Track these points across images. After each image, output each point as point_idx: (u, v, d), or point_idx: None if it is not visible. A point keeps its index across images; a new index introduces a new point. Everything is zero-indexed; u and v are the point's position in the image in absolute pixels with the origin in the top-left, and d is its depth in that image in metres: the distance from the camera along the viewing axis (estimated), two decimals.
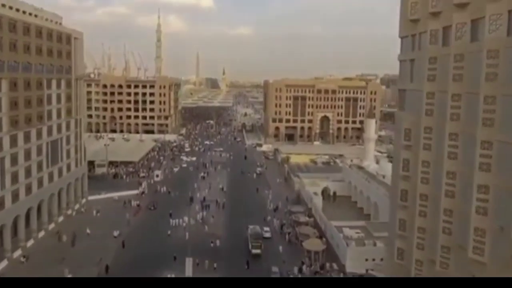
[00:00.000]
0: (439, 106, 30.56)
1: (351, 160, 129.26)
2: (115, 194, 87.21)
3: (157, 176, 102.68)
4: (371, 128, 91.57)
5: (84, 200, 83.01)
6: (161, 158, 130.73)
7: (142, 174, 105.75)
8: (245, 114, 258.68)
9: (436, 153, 30.94)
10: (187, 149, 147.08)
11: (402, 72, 37.25)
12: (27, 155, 60.62)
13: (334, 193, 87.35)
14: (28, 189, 61.38)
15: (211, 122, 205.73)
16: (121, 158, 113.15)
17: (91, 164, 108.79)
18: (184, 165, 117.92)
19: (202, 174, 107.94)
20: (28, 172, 60.98)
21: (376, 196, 70.33)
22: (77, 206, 79.43)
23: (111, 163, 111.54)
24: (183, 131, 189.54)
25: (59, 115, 70.59)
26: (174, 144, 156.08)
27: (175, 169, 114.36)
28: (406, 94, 36.10)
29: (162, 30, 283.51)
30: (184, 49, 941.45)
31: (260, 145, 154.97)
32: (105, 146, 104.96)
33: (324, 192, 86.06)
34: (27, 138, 60.29)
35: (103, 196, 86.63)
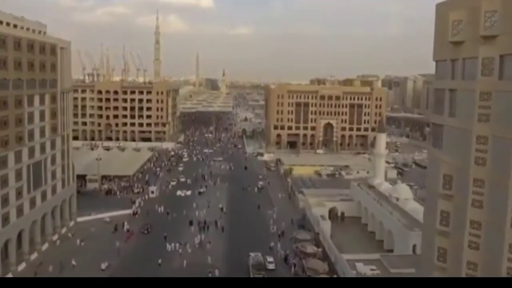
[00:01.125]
0: (496, 155, 24.20)
1: (357, 172, 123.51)
2: (106, 215, 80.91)
3: (152, 192, 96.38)
4: (382, 143, 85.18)
5: (72, 223, 76.76)
6: (158, 169, 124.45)
7: (136, 190, 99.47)
8: (246, 119, 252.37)
9: (490, 213, 24.60)
10: (185, 159, 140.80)
11: (437, 102, 30.93)
12: (4, 182, 54.30)
13: (342, 213, 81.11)
14: (6, 219, 55.09)
15: (211, 128, 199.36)
16: (115, 171, 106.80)
17: (82, 178, 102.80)
18: (182, 179, 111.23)
19: (200, 189, 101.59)
20: (5, 201, 54.69)
21: (391, 222, 64.02)
22: (64, 230, 73.19)
23: (104, 177, 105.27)
24: (182, 137, 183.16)
25: (42, 134, 64.29)
26: (172, 153, 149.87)
27: (172, 183, 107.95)
28: (444, 130, 29.76)
29: (160, 31, 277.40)
30: (184, 49, 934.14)
31: (262, 154, 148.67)
32: (97, 160, 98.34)
33: (332, 212, 79.90)
34: (3, 163, 53.96)
35: (93, 217, 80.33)
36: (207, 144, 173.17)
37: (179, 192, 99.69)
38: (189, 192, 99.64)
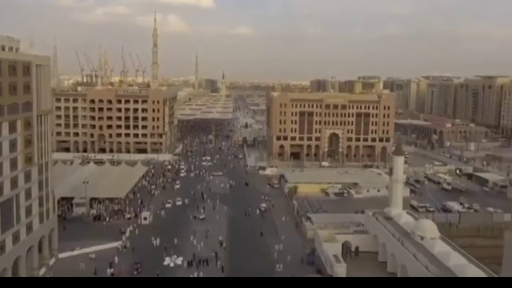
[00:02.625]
0: None
1: (367, 190, 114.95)
2: (92, 249, 72.32)
3: (145, 218, 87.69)
4: (399, 167, 76.38)
5: (53, 261, 68.21)
6: (153, 187, 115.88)
7: (128, 215, 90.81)
8: (246, 125, 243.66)
9: None
10: (183, 174, 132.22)
11: None
12: None
13: (357, 248, 72.47)
14: None
15: (210, 136, 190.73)
16: (105, 193, 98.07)
17: (69, 201, 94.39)
18: (179, 202, 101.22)
19: (199, 215, 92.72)
20: None
21: (416, 269, 55.32)
22: (43, 271, 64.65)
23: (94, 199, 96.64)
24: (180, 147, 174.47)
25: (14, 166, 55.66)
26: (169, 167, 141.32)
27: (168, 205, 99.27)
28: None
29: (160, 32, 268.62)
30: (184, 49, 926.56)
31: (264, 168, 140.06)
32: (85, 184, 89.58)
33: (344, 245, 71.35)
34: None
35: (77, 252, 71.67)
36: (206, 155, 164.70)
37: (175, 216, 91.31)
38: (187, 215, 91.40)
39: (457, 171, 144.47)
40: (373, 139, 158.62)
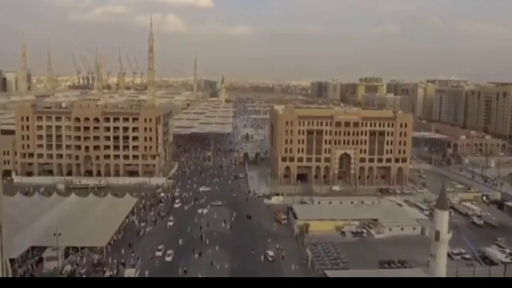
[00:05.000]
0: None
1: (390, 229, 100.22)
2: None
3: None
4: (444, 225, 61.33)
5: None
6: (142, 225, 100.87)
7: (109, 272, 75.64)
8: (247, 137, 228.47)
9: None
10: (177, 205, 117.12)
11: None
12: None
13: None
14: None
15: (209, 153, 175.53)
16: (83, 241, 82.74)
17: (41, 250, 79.29)
18: (169, 258, 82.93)
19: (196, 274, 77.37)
20: None
21: None
22: None
23: (70, 249, 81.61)
24: (175, 167, 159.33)
25: None
26: (162, 194, 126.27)
27: (158, 253, 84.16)
28: None
29: (159, 32, 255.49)
30: (182, 49, 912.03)
31: (268, 197, 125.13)
32: (57, 235, 74.23)
33: None
34: None
35: None
36: (204, 176, 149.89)
37: (167, 270, 76.28)
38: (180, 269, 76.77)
39: (484, 198, 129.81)
40: (388, 160, 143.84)
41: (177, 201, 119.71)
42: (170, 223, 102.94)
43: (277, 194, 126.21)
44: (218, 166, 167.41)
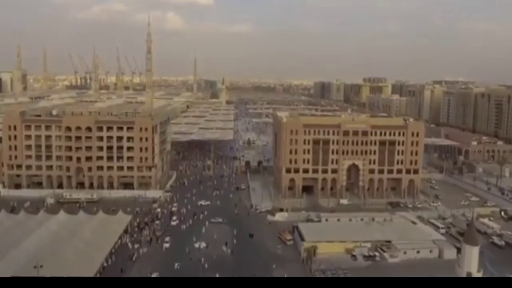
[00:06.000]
0: None
1: (404, 252, 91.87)
2: None
3: None
4: (474, 262, 53.39)
5: None
6: (136, 248, 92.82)
7: None
8: (249, 142, 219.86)
9: None
10: (174, 222, 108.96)
11: None
12: None
13: None
14: None
15: (209, 162, 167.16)
16: (68, 271, 73.14)
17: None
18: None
19: None
20: None
21: None
22: None
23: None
24: (173, 177, 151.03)
25: None
26: (158, 209, 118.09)
27: None
28: None
29: (156, 32, 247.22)
30: (182, 46, 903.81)
31: (272, 213, 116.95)
32: (37, 268, 65.91)
33: None
34: None
35: None
36: (203, 188, 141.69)
37: None
38: None
39: (502, 213, 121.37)
40: (399, 171, 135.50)
41: (174, 217, 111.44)
42: (166, 245, 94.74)
43: (281, 210, 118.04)
44: (218, 175, 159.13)
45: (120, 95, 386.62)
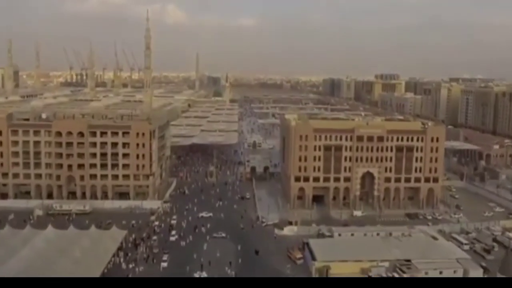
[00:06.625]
0: None
1: (426, 273, 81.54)
2: None
3: None
4: None
5: None
6: (130, 268, 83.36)
7: None
8: (254, 145, 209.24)
9: None
10: (173, 237, 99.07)
11: None
12: None
13: None
14: None
15: (211, 168, 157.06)
16: None
17: None
18: None
19: None
20: None
21: None
22: None
23: None
24: (173, 185, 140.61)
25: None
26: (156, 222, 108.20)
27: None
28: None
29: (156, 26, 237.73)
30: (184, 41, 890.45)
31: (280, 226, 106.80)
32: None
33: None
34: None
35: None
36: (205, 197, 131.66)
37: None
38: None
39: None
40: (417, 179, 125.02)
41: (173, 232, 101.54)
42: (164, 264, 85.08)
43: (290, 223, 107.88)
44: (222, 182, 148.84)
45: (117, 93, 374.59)
